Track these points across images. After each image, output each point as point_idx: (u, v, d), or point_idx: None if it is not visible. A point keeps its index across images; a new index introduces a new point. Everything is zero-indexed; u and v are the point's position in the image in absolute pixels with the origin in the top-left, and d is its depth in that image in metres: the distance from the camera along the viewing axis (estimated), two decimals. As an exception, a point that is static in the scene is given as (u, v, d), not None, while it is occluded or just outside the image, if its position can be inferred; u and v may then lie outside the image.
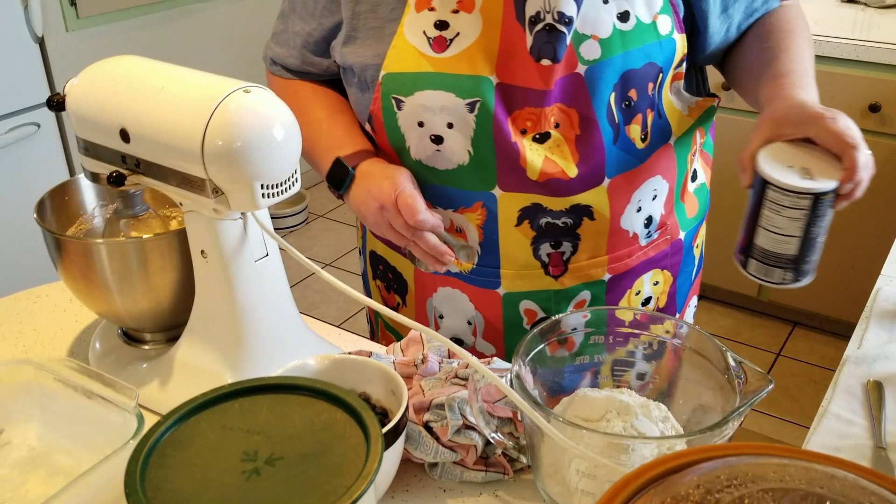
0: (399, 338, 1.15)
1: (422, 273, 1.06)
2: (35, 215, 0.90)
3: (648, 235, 1.03)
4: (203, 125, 0.74)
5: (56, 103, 0.85)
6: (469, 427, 0.77)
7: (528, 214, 0.97)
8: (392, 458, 0.72)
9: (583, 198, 0.95)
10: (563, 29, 0.88)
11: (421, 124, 0.93)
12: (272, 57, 1.11)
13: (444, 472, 0.79)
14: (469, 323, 1.06)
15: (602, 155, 0.94)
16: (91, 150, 0.85)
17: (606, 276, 1.02)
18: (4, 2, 2.14)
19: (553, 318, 0.79)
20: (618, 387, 0.81)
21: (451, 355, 0.88)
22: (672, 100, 0.98)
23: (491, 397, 0.79)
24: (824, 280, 2.57)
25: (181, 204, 0.82)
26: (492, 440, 0.76)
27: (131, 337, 0.96)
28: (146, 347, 0.95)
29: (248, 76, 0.85)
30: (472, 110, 0.91)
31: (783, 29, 0.99)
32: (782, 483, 0.48)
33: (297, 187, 0.80)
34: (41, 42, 2.30)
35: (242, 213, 0.81)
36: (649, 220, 1.02)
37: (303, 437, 0.60)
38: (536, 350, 0.78)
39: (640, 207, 1.00)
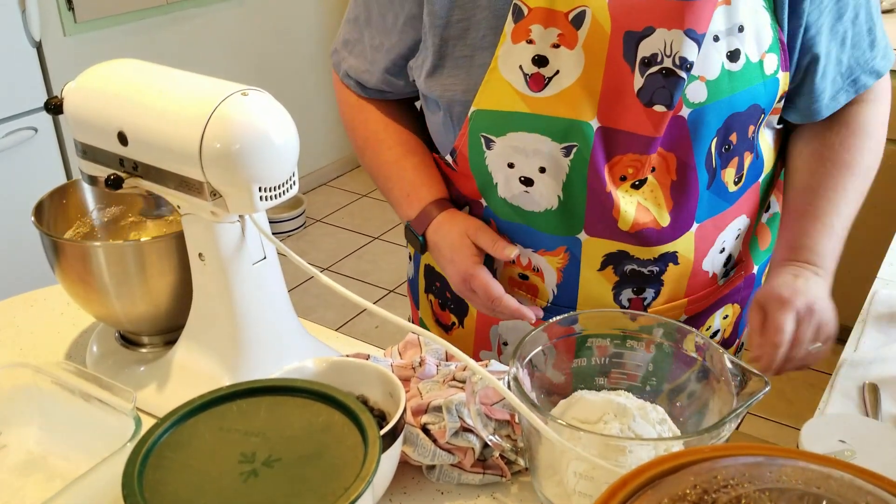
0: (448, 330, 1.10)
1: None
2: (33, 218, 0.90)
3: (726, 274, 1.00)
4: (201, 128, 0.74)
5: (54, 106, 0.85)
6: (467, 429, 0.78)
7: (613, 261, 0.92)
8: (390, 460, 0.72)
9: (671, 245, 0.91)
10: (683, 74, 0.81)
11: (511, 165, 0.89)
12: (346, 69, 1.03)
13: (442, 475, 0.79)
14: None
15: (695, 201, 0.89)
16: (89, 153, 0.85)
17: (683, 318, 0.98)
18: (2, 6, 2.14)
19: (550, 320, 0.79)
20: (615, 389, 0.81)
21: (448, 358, 0.88)
22: (766, 135, 0.95)
23: (489, 400, 0.79)
24: (821, 284, 2.57)
25: (179, 206, 0.82)
26: (489, 442, 0.76)
27: (129, 340, 0.96)
28: (144, 350, 0.95)
29: (246, 80, 0.86)
30: (567, 154, 0.86)
31: (842, 162, 0.94)
32: (779, 483, 0.48)
33: (294, 190, 0.80)
34: (39, 46, 2.30)
35: (240, 216, 0.81)
36: (729, 258, 0.98)
37: (301, 439, 0.60)
38: (534, 352, 0.78)
39: (723, 248, 0.96)
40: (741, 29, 0.84)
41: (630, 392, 0.79)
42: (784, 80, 0.89)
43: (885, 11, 2.46)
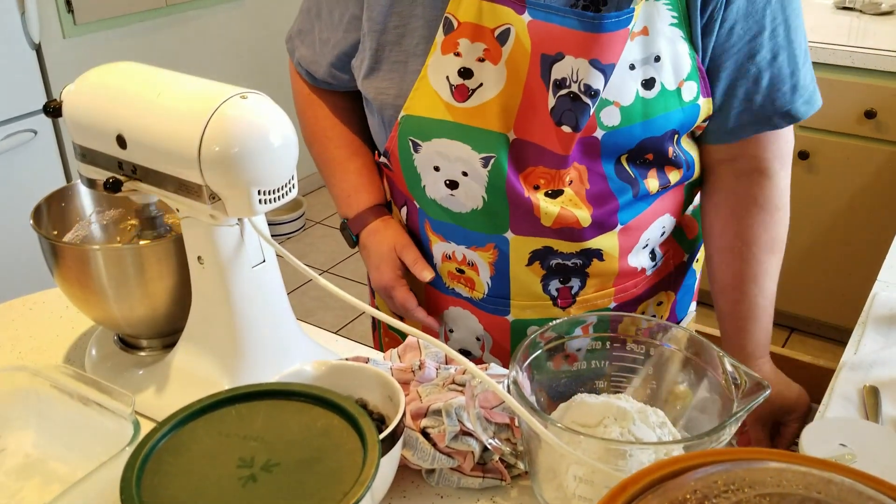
0: (403, 337, 1.15)
1: (434, 291, 1.07)
2: (31, 221, 0.90)
3: (654, 266, 1.04)
4: (200, 131, 0.74)
5: (53, 109, 0.85)
6: (466, 433, 0.77)
7: (539, 256, 0.97)
8: (389, 464, 0.72)
9: (593, 242, 0.95)
10: (588, 101, 0.85)
11: (437, 168, 0.93)
12: (298, 58, 1.09)
13: (442, 479, 0.79)
14: (478, 339, 1.07)
15: (615, 205, 0.94)
16: (88, 156, 0.85)
17: (612, 305, 1.02)
18: (1, 8, 2.14)
19: (550, 323, 0.79)
20: (615, 392, 0.81)
21: (448, 361, 0.88)
22: (693, 144, 0.99)
23: (488, 403, 0.79)
24: (821, 286, 2.58)
25: (178, 210, 0.82)
26: (489, 446, 0.76)
27: (128, 343, 0.96)
28: (143, 354, 0.95)
29: (246, 82, 0.86)
30: (485, 165, 0.90)
31: (762, 244, 1.00)
32: (779, 488, 0.48)
33: (293, 193, 0.80)
34: (38, 49, 2.30)
35: (239, 219, 0.81)
36: (653, 253, 1.03)
37: (300, 444, 0.60)
38: (534, 356, 0.78)
39: (647, 244, 1.01)
40: (657, 59, 0.87)
41: (630, 395, 0.79)
42: (706, 105, 0.92)
43: (885, 13, 2.46)
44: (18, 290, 1.19)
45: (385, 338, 1.22)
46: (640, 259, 1.01)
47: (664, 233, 1.02)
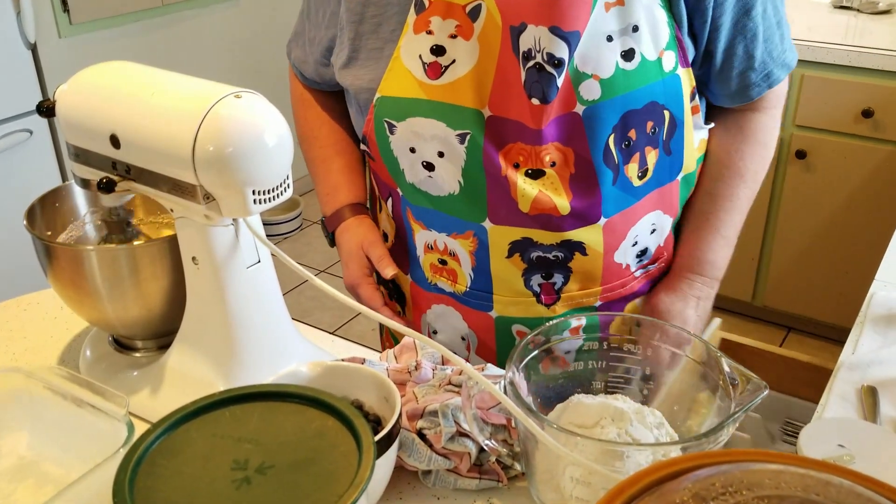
0: (396, 341, 1.15)
1: (417, 288, 1.06)
2: (25, 222, 0.89)
3: (642, 265, 1.03)
4: (194, 131, 0.74)
5: (46, 109, 0.84)
6: (463, 434, 0.77)
7: (519, 248, 0.95)
8: (385, 465, 0.71)
9: (574, 234, 0.94)
10: (553, 71, 0.84)
11: (413, 150, 0.93)
12: (293, 59, 1.12)
13: (438, 480, 0.78)
14: (463, 339, 1.06)
15: (598, 195, 0.92)
16: (81, 156, 0.84)
17: (598, 304, 1.01)
18: (-3, 8, 2.13)
19: (547, 324, 0.79)
20: (612, 393, 0.81)
21: (444, 362, 0.87)
22: (692, 136, 0.97)
23: (485, 404, 0.79)
24: (818, 285, 2.58)
25: (172, 210, 0.81)
26: (486, 447, 0.76)
27: (122, 344, 0.96)
28: (137, 355, 0.94)
29: (242, 81, 0.85)
30: (462, 142, 0.89)
31: (735, 170, 1.01)
32: (778, 490, 0.48)
33: (289, 193, 0.80)
34: (34, 48, 2.29)
35: (234, 220, 0.81)
36: (644, 251, 1.01)
37: (294, 445, 0.60)
38: (530, 356, 0.78)
39: (635, 242, 0.99)
40: (636, 28, 0.86)
41: (627, 396, 0.79)
42: (686, 75, 0.92)
43: (882, 12, 2.46)
44: (12, 290, 1.19)
45: (388, 341, 1.20)
46: (627, 257, 1.00)
47: (654, 230, 1.00)
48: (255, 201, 0.76)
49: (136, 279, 0.85)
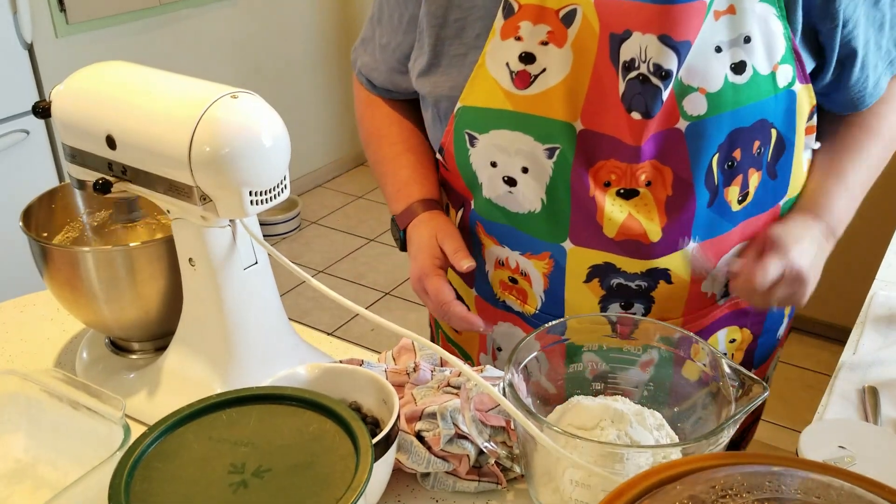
0: (462, 352, 1.09)
1: (484, 303, 1.01)
2: (20, 223, 0.89)
3: (727, 295, 0.95)
4: (190, 131, 0.73)
5: (42, 110, 0.84)
6: (462, 436, 0.76)
7: (599, 273, 0.89)
8: (383, 468, 0.71)
9: (662, 261, 0.87)
10: (659, 83, 0.78)
11: (494, 164, 0.87)
12: (360, 66, 1.05)
13: (437, 482, 0.78)
14: None
15: (691, 219, 0.85)
16: (77, 157, 0.84)
17: (677, 336, 0.91)
18: (-7, 8, 2.12)
19: (546, 325, 0.78)
20: (612, 395, 0.80)
21: (443, 364, 0.87)
22: (802, 157, 0.90)
23: (484, 406, 0.78)
24: (819, 284, 2.57)
25: (169, 211, 0.81)
26: (484, 449, 0.75)
27: (119, 346, 0.95)
28: (134, 357, 0.94)
29: (240, 81, 0.85)
30: (550, 156, 0.83)
31: (868, 127, 0.93)
32: (778, 493, 0.47)
33: (286, 194, 0.79)
34: (30, 48, 2.29)
35: (231, 221, 0.80)
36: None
37: (291, 449, 0.59)
38: (529, 358, 0.77)
39: (727, 271, 0.91)
40: (748, 39, 0.80)
41: (627, 397, 0.78)
42: (805, 92, 0.85)
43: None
44: (9, 292, 1.18)
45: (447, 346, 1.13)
46: (715, 286, 0.92)
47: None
48: (251, 202, 0.76)
49: (132, 281, 0.85)
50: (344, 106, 3.78)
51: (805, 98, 0.85)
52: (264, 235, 0.83)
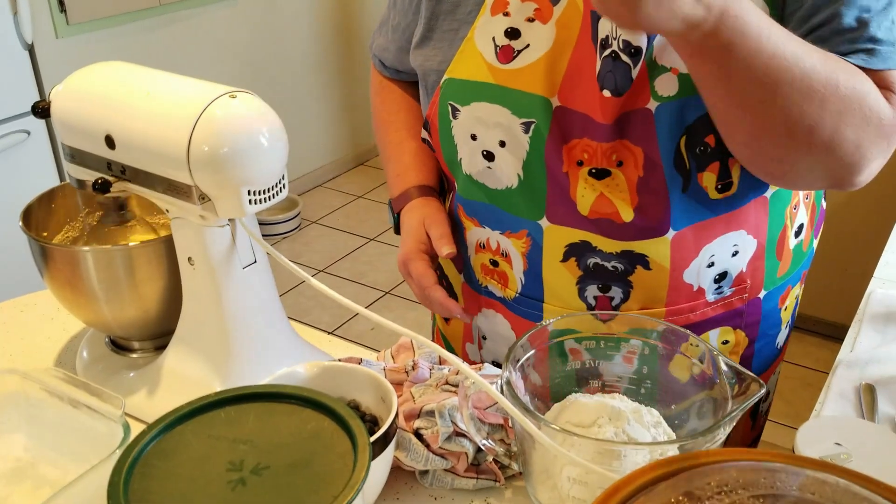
0: (448, 347, 1.11)
1: (469, 289, 1.02)
2: (20, 223, 0.89)
3: (719, 291, 0.92)
4: (189, 131, 0.74)
5: (41, 110, 0.84)
6: (460, 434, 0.77)
7: (576, 252, 0.89)
8: (381, 466, 0.71)
9: (638, 245, 0.86)
10: (628, 60, 0.77)
11: (474, 137, 0.88)
12: (375, 48, 1.09)
13: (435, 480, 0.78)
14: None
15: (666, 204, 0.84)
16: (77, 156, 0.84)
17: (662, 328, 0.89)
18: (-7, 9, 2.13)
19: (543, 323, 0.79)
20: (610, 392, 0.80)
21: (441, 362, 0.87)
22: None
23: (482, 404, 0.78)
24: (817, 283, 2.57)
25: (168, 210, 0.81)
26: (482, 447, 0.76)
27: (119, 345, 0.96)
28: (134, 356, 0.94)
29: (240, 81, 0.85)
30: (526, 131, 0.84)
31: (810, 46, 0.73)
32: (773, 489, 0.48)
33: (284, 193, 0.79)
34: (31, 49, 2.29)
35: (230, 220, 0.81)
36: (723, 275, 0.91)
37: (290, 447, 0.60)
38: (527, 356, 0.78)
39: (712, 262, 0.89)
40: None
41: (625, 395, 0.78)
42: None
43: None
44: (9, 292, 1.19)
45: (438, 340, 1.14)
46: (699, 278, 0.89)
47: (736, 252, 0.89)
48: (250, 201, 0.76)
49: (132, 280, 0.85)
50: (343, 106, 3.79)
51: None
52: (264, 235, 0.84)
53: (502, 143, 0.87)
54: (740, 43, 0.67)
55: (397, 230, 1.02)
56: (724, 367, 0.72)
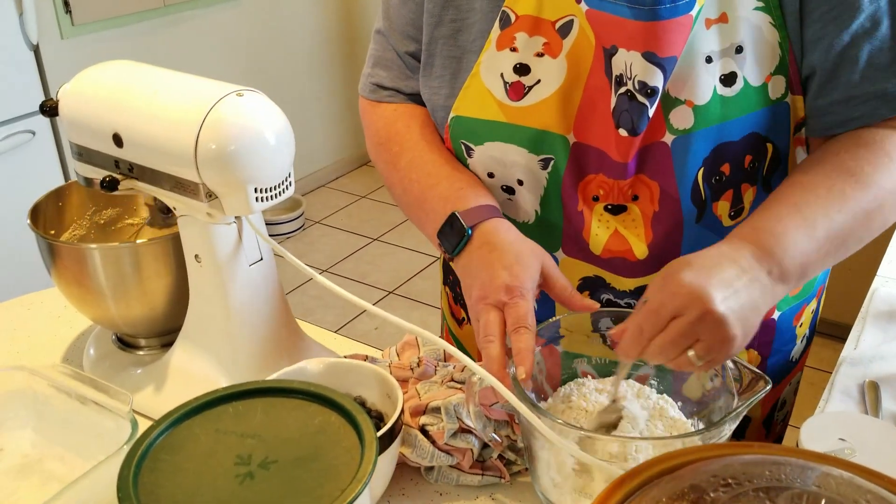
0: (460, 348, 1.07)
1: None
2: (28, 221, 0.90)
3: None
4: (196, 129, 0.74)
5: (49, 109, 0.85)
6: (465, 430, 0.77)
7: (589, 286, 0.88)
8: (387, 461, 0.72)
9: (650, 279, 0.77)
10: (645, 101, 0.75)
11: (491, 175, 0.86)
12: (367, 81, 0.97)
13: (441, 476, 0.78)
14: None
15: (679, 235, 0.83)
16: (84, 155, 0.85)
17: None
18: (-1, 9, 2.14)
19: (550, 320, 0.79)
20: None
21: (447, 358, 0.87)
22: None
23: (487, 400, 0.79)
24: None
25: (175, 208, 0.82)
26: (488, 440, 0.76)
27: (126, 343, 0.96)
28: (141, 353, 0.95)
29: (244, 81, 0.85)
30: (545, 167, 0.82)
31: (845, 168, 0.76)
32: (778, 482, 0.48)
33: (290, 191, 0.80)
34: (36, 49, 2.30)
35: (236, 217, 0.81)
36: None
37: (297, 441, 0.60)
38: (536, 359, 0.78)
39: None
40: (739, 49, 0.76)
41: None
42: (796, 103, 0.80)
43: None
44: (16, 289, 1.19)
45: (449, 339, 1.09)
46: None
47: None
48: (257, 199, 0.77)
49: (139, 277, 0.86)
50: (347, 106, 3.79)
51: (796, 109, 0.81)
52: (268, 235, 0.84)
53: (520, 182, 0.85)
54: (801, 253, 0.72)
55: (452, 249, 0.82)
56: (729, 364, 0.72)
